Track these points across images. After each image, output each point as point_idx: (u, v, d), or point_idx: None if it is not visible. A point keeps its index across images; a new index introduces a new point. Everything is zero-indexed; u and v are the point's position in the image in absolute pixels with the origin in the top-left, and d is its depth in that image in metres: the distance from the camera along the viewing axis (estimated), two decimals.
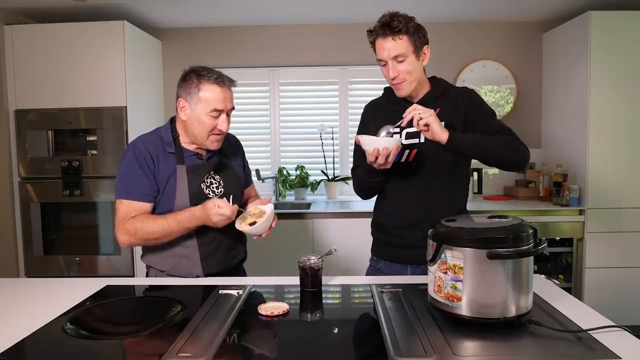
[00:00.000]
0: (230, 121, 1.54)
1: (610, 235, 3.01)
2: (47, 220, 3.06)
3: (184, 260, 1.54)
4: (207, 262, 1.56)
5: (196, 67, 1.51)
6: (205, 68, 1.50)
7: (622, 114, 2.98)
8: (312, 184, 3.67)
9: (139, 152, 1.50)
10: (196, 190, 1.52)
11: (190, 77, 1.48)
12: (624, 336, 1.03)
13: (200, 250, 1.54)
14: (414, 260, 1.60)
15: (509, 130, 1.53)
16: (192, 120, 1.49)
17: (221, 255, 1.59)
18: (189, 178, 1.51)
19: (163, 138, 1.55)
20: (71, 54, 2.98)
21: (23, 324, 1.16)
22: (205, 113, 1.47)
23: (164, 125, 1.60)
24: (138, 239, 1.47)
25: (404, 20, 1.45)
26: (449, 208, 1.54)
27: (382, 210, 1.69)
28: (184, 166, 1.52)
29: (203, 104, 1.46)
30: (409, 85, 1.51)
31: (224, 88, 1.49)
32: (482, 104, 1.57)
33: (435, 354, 0.95)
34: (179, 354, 0.97)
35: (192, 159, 1.55)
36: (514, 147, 1.47)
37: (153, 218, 1.47)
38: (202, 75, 1.47)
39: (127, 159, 1.51)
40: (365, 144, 1.42)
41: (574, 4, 3.14)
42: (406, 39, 1.46)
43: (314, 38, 3.62)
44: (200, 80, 1.47)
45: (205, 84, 1.46)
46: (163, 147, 1.53)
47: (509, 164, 1.50)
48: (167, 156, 1.53)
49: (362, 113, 1.72)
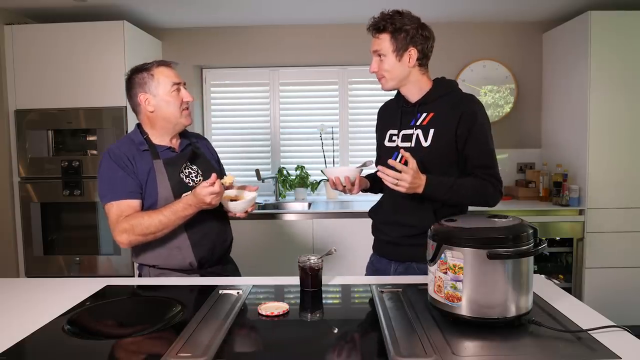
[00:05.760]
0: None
1: (610, 235, 3.01)
2: (47, 220, 3.05)
3: (176, 251, 1.57)
4: (199, 248, 1.59)
5: (136, 66, 1.61)
6: (143, 63, 1.61)
7: (622, 114, 2.98)
8: (312, 184, 3.67)
9: (115, 155, 1.56)
10: (177, 180, 1.57)
11: (139, 73, 1.59)
12: (624, 336, 1.03)
13: (190, 239, 1.57)
14: (397, 257, 1.63)
15: (490, 169, 1.51)
16: (160, 104, 1.58)
17: (211, 240, 1.63)
18: (167, 170, 1.57)
19: (134, 140, 1.61)
20: (71, 54, 2.98)
21: (23, 324, 1.16)
22: (168, 91, 1.57)
23: (131, 131, 1.67)
24: (137, 235, 1.48)
25: (389, 20, 1.49)
26: (433, 210, 1.54)
27: (376, 206, 1.74)
28: (160, 160, 1.58)
29: (163, 84, 1.57)
30: (387, 82, 1.56)
31: (169, 67, 1.61)
32: (479, 132, 1.50)
33: (435, 354, 0.95)
34: (179, 354, 0.97)
35: (166, 152, 1.62)
36: (482, 195, 1.51)
37: (148, 213, 1.50)
38: (147, 66, 1.59)
39: (105, 164, 1.56)
40: (327, 173, 1.58)
41: (574, 4, 3.14)
42: (386, 38, 1.50)
43: (314, 38, 3.61)
44: (149, 69, 1.58)
45: (154, 69, 1.58)
46: (136, 147, 1.59)
47: (475, 205, 1.58)
48: (142, 155, 1.58)
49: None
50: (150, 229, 1.47)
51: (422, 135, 1.53)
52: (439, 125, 1.52)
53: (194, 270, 1.60)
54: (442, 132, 1.51)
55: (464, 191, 1.49)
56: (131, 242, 1.51)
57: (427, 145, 1.52)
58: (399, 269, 1.62)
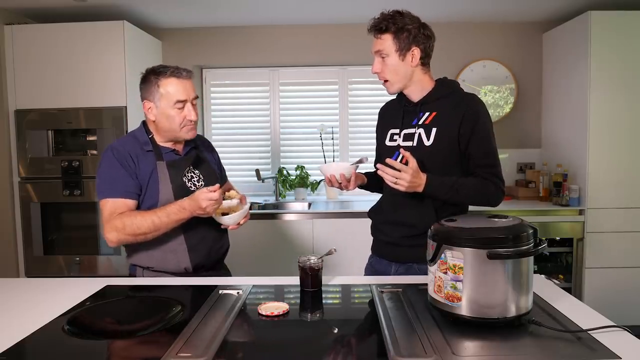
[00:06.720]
0: (197, 110, 1.60)
1: (610, 235, 3.01)
2: (47, 220, 3.05)
3: (172, 255, 1.56)
4: (195, 253, 1.58)
5: (153, 67, 1.56)
6: (161, 65, 1.55)
7: (622, 114, 2.98)
8: (312, 184, 3.67)
9: (118, 153, 1.53)
10: (179, 184, 1.55)
11: (149, 77, 1.54)
12: (624, 336, 1.03)
13: (187, 243, 1.56)
14: (397, 258, 1.62)
15: (492, 168, 1.51)
16: (161, 117, 1.54)
17: (208, 246, 1.61)
18: (170, 173, 1.55)
19: (139, 139, 1.59)
20: (71, 54, 2.98)
21: (23, 324, 1.16)
22: (170, 107, 1.52)
23: (137, 128, 1.64)
24: (127, 235, 1.46)
25: (391, 20, 1.48)
26: (434, 209, 1.54)
27: (375, 206, 1.73)
28: (164, 162, 1.56)
29: (166, 99, 1.52)
30: (392, 85, 1.55)
31: (181, 79, 1.54)
32: (482, 131, 1.50)
33: (435, 354, 0.95)
34: (179, 354, 0.97)
35: (170, 155, 1.60)
36: (483, 194, 1.51)
37: (141, 213, 1.48)
38: (159, 72, 1.53)
39: (107, 160, 1.54)
40: (323, 170, 1.60)
41: (574, 4, 3.14)
42: (389, 38, 1.50)
43: (314, 38, 3.61)
44: (158, 77, 1.52)
45: (162, 79, 1.52)
46: (140, 147, 1.57)
47: (477, 205, 1.57)
48: (145, 155, 1.56)
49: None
50: (141, 229, 1.46)
51: (425, 134, 1.53)
52: (441, 125, 1.52)
53: (189, 275, 1.58)
54: (445, 131, 1.51)
55: (465, 191, 1.49)
56: (120, 241, 1.49)
57: (429, 145, 1.52)
58: (400, 270, 1.62)
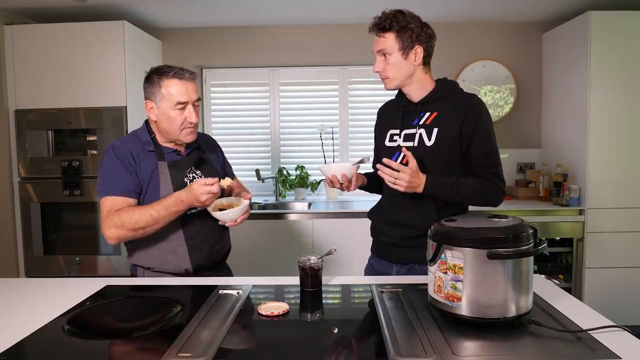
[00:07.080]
0: (199, 112, 1.59)
1: (610, 235, 3.01)
2: (47, 220, 3.05)
3: (172, 256, 1.56)
4: (196, 254, 1.57)
5: (158, 66, 1.56)
6: (165, 65, 1.55)
7: (622, 114, 2.98)
8: (312, 184, 3.67)
9: (119, 151, 1.54)
10: (180, 184, 1.55)
11: (152, 77, 1.54)
12: (624, 336, 1.03)
13: (187, 244, 1.56)
14: (398, 259, 1.62)
15: (493, 168, 1.51)
16: (162, 118, 1.54)
17: (208, 247, 1.61)
18: (171, 173, 1.55)
19: (141, 138, 1.59)
20: (71, 54, 2.98)
21: (23, 324, 1.16)
22: (171, 108, 1.52)
23: (139, 128, 1.64)
24: (126, 230, 1.46)
25: (394, 19, 1.48)
26: (434, 209, 1.54)
27: (375, 207, 1.73)
28: (165, 162, 1.56)
29: (167, 100, 1.52)
30: (391, 81, 1.55)
31: (184, 80, 1.53)
32: (483, 131, 1.50)
33: (435, 354, 0.95)
34: (179, 354, 0.97)
35: (171, 155, 1.60)
36: (483, 195, 1.51)
37: (139, 208, 1.48)
38: (162, 72, 1.52)
39: (108, 159, 1.54)
40: (324, 171, 1.59)
41: (574, 4, 3.14)
42: (391, 37, 1.50)
43: (314, 38, 3.61)
44: (161, 77, 1.52)
45: (165, 80, 1.51)
46: (142, 146, 1.57)
47: (478, 205, 1.57)
48: (147, 154, 1.56)
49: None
50: (139, 224, 1.45)
51: (426, 134, 1.53)
52: (442, 125, 1.52)
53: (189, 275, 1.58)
54: (446, 131, 1.51)
55: (465, 191, 1.49)
56: (120, 238, 1.49)
57: (430, 145, 1.52)
58: (402, 271, 1.62)
